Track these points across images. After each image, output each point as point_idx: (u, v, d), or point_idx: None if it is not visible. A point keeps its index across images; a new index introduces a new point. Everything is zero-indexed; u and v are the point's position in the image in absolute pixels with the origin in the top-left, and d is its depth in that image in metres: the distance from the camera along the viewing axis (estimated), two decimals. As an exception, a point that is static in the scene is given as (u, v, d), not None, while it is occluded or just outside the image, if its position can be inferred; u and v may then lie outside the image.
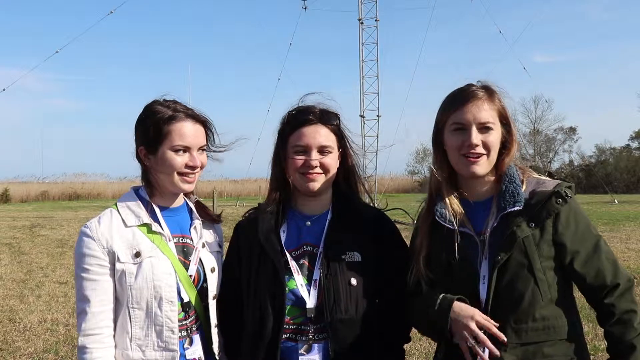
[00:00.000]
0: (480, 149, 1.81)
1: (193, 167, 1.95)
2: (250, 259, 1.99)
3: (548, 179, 1.89)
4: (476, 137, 1.80)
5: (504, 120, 1.87)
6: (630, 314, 1.77)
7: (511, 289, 1.76)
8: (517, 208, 1.78)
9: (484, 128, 1.81)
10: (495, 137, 1.83)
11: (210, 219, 2.15)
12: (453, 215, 1.87)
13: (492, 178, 1.90)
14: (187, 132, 1.94)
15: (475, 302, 1.80)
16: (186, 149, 1.94)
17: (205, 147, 2.01)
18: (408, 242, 2.06)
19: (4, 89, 25.22)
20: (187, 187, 1.99)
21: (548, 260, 1.78)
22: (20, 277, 9.39)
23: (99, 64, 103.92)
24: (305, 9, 27.92)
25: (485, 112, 1.81)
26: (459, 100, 1.84)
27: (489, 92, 1.86)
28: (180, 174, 1.95)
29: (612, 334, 1.77)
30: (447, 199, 1.89)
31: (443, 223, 1.86)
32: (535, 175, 1.92)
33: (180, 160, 1.93)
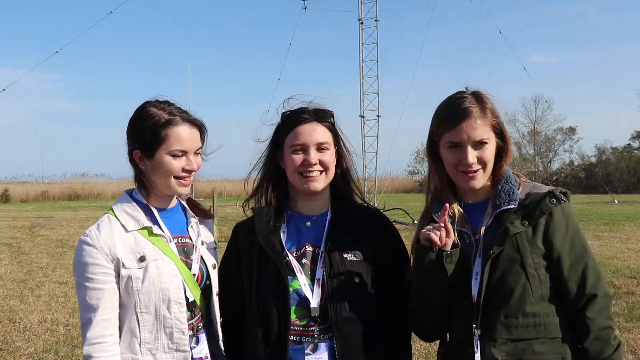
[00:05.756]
0: (476, 166, 1.85)
1: (190, 171, 1.95)
2: (251, 260, 2.00)
3: (543, 185, 1.93)
4: (472, 155, 1.84)
5: (498, 130, 1.90)
6: (607, 331, 1.79)
7: (502, 283, 1.78)
8: (511, 206, 1.82)
9: (478, 144, 1.85)
10: (490, 150, 1.87)
11: (204, 215, 2.16)
12: (451, 215, 1.90)
13: (489, 182, 1.93)
14: (185, 136, 1.93)
15: (467, 298, 1.83)
16: (183, 153, 1.94)
17: (200, 150, 2.01)
18: (407, 242, 2.07)
19: (4, 89, 25.28)
20: (184, 190, 1.99)
21: (540, 257, 1.81)
22: (20, 277, 9.39)
23: (99, 64, 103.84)
24: (305, 9, 27.97)
25: (479, 129, 1.84)
26: (452, 118, 1.86)
27: (481, 104, 1.87)
28: (177, 177, 1.95)
29: (589, 351, 1.78)
30: (446, 202, 1.92)
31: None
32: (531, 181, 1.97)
33: (177, 164, 1.93)
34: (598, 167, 44.08)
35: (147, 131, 1.92)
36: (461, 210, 1.93)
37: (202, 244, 2.06)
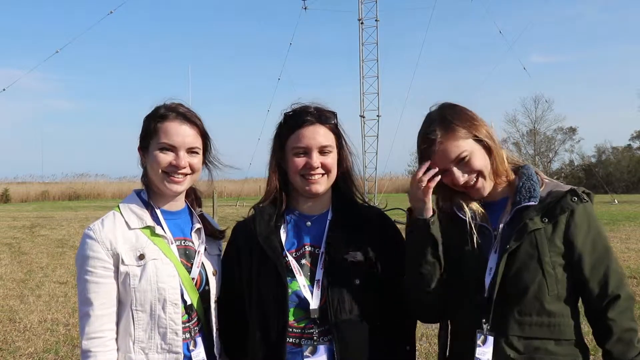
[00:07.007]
0: (471, 179, 1.85)
1: (177, 167, 1.93)
2: (251, 260, 1.98)
3: (566, 185, 1.91)
4: (459, 174, 1.83)
5: (476, 138, 1.86)
6: (630, 333, 1.77)
7: (518, 279, 1.76)
8: (532, 203, 1.80)
9: (461, 160, 1.83)
10: (477, 157, 1.84)
11: (212, 235, 2.12)
12: (473, 211, 1.89)
13: (505, 179, 1.92)
14: (174, 131, 1.93)
15: (479, 292, 1.81)
16: (172, 148, 1.93)
17: (197, 150, 1.99)
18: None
19: (4, 89, 25.27)
20: (175, 188, 1.96)
21: (558, 256, 1.78)
22: (20, 277, 9.39)
23: (99, 64, 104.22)
24: (305, 9, 27.96)
25: (453, 149, 1.81)
26: (429, 154, 1.85)
27: (446, 127, 1.83)
28: (165, 172, 1.93)
29: (612, 353, 1.76)
30: (465, 202, 1.91)
31: (463, 217, 1.89)
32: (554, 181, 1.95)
33: (164, 158, 1.92)
34: (598, 167, 44.12)
35: (144, 125, 1.98)
36: (481, 209, 1.91)
37: (205, 249, 2.05)
